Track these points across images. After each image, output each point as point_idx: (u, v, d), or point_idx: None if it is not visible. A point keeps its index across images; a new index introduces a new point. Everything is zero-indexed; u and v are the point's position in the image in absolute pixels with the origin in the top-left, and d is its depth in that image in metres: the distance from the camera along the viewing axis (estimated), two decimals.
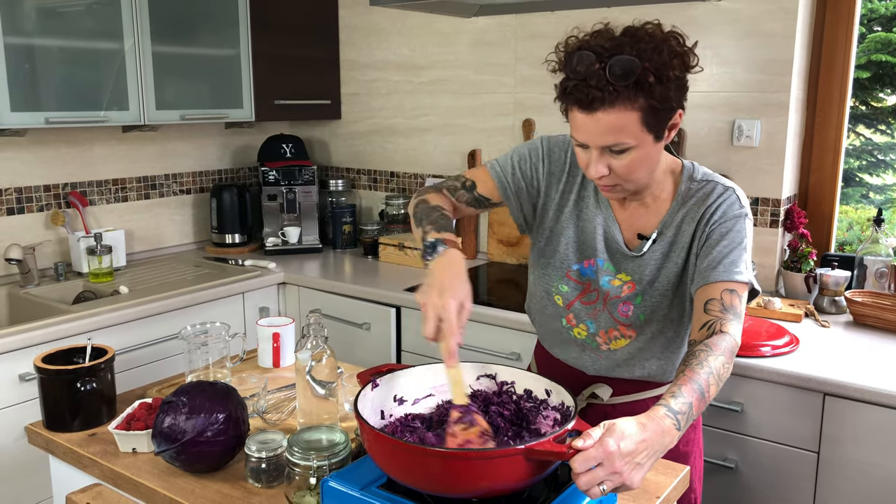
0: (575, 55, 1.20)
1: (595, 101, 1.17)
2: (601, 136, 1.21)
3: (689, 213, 1.36)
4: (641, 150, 1.24)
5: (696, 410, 1.11)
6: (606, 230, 1.41)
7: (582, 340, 1.47)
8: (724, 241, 1.31)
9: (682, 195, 1.37)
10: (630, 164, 1.25)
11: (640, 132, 1.21)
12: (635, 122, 1.19)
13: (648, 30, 1.20)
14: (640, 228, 1.40)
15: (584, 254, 1.43)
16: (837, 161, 2.44)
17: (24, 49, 2.29)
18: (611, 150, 1.23)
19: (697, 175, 1.39)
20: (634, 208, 1.41)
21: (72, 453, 1.42)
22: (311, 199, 3.17)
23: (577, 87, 1.18)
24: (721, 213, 1.33)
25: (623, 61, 1.15)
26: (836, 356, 1.90)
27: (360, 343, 2.62)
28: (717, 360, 1.17)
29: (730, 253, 1.30)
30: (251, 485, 1.28)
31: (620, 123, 1.19)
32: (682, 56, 1.21)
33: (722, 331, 1.22)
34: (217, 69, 2.87)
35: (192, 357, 1.63)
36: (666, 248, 1.38)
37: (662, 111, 1.21)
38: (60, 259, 2.74)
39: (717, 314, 1.25)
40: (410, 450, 1.04)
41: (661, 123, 1.23)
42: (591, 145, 1.24)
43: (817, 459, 1.82)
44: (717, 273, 1.28)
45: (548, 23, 2.73)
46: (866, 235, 2.36)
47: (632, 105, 1.18)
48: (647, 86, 1.16)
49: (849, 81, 2.38)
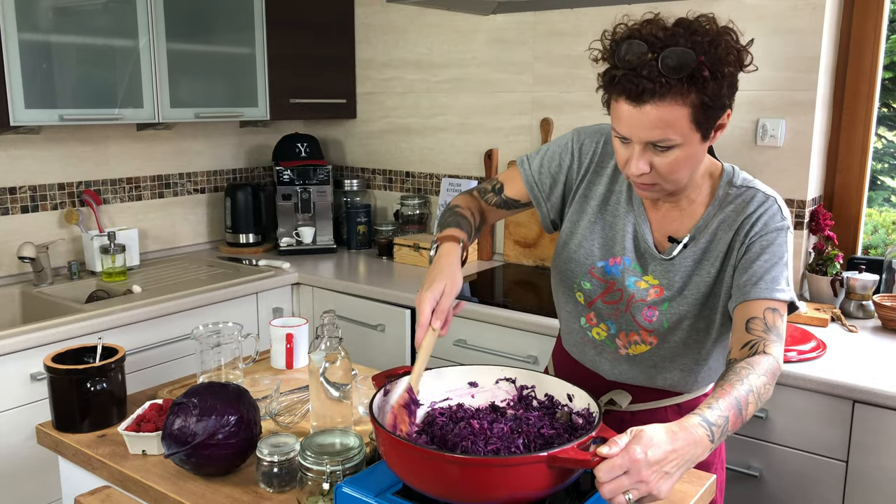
0: (624, 44, 1.15)
1: (645, 93, 1.12)
2: (647, 131, 1.15)
3: (725, 220, 1.30)
4: (687, 149, 1.18)
5: (731, 426, 1.07)
6: (636, 228, 1.36)
7: (600, 342, 1.42)
8: (766, 254, 1.25)
9: (719, 200, 1.31)
10: (673, 163, 1.19)
11: (688, 129, 1.15)
12: (685, 119, 1.14)
13: (703, 22, 1.15)
14: (672, 231, 1.34)
15: (611, 251, 1.38)
16: (865, 161, 2.38)
17: (39, 46, 2.28)
18: (655, 146, 1.17)
19: (737, 180, 1.32)
20: (668, 210, 1.35)
21: (81, 454, 1.40)
22: (326, 199, 3.15)
23: (627, 77, 1.13)
24: (762, 225, 1.27)
25: (678, 53, 1.10)
26: (865, 362, 1.85)
27: (374, 345, 2.59)
28: (759, 379, 1.13)
29: (772, 268, 1.24)
30: (263, 489, 1.25)
31: (669, 118, 1.13)
32: (739, 52, 1.16)
33: (765, 352, 1.17)
34: (232, 67, 2.85)
35: (205, 358, 1.60)
36: (698, 255, 1.32)
37: (713, 109, 1.15)
38: (74, 258, 2.73)
39: (760, 334, 1.20)
40: (428, 456, 1.00)
41: (710, 122, 1.17)
42: (635, 140, 1.18)
43: (846, 469, 1.76)
44: (759, 290, 1.23)
45: (566, 20, 2.69)
46: (892, 239, 2.30)
47: (683, 100, 1.12)
48: (701, 81, 1.11)
49: (877, 79, 2.32)
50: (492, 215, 1.51)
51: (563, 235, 1.44)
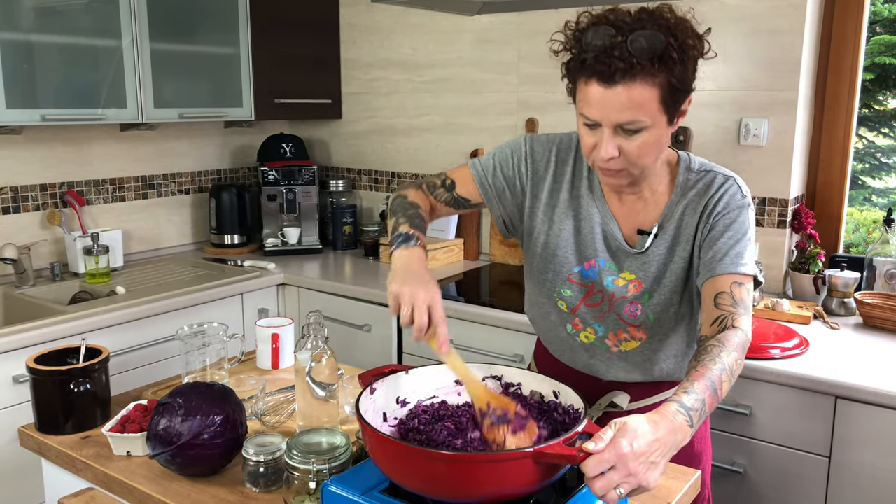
0: (591, 29, 1.17)
1: (617, 73, 1.13)
2: (618, 113, 1.16)
3: (689, 205, 1.33)
4: (654, 132, 1.20)
5: (708, 408, 1.08)
6: (604, 228, 1.37)
7: (590, 345, 1.43)
8: (729, 231, 1.28)
9: (680, 186, 1.34)
10: (642, 146, 1.20)
11: (656, 111, 1.17)
12: (654, 100, 1.16)
13: (665, 10, 1.18)
14: (640, 223, 1.36)
15: (584, 255, 1.38)
16: (846, 161, 2.40)
17: (20, 45, 2.26)
18: (624, 128, 1.18)
19: (694, 165, 1.35)
20: (632, 203, 1.36)
21: (64, 456, 1.38)
22: (311, 200, 3.14)
23: (599, 59, 1.14)
24: (724, 204, 1.30)
25: (647, 35, 1.13)
26: (847, 358, 1.87)
27: (360, 345, 2.58)
28: (729, 356, 1.15)
29: (735, 244, 1.27)
30: (249, 489, 1.24)
31: (640, 99, 1.15)
32: (699, 38, 1.19)
33: (734, 326, 1.20)
34: (216, 67, 2.83)
35: (190, 358, 1.59)
36: (669, 243, 1.34)
37: (680, 92, 1.18)
38: (56, 259, 2.70)
39: (729, 308, 1.22)
40: (415, 453, 1.00)
41: (676, 105, 1.20)
42: (605, 123, 1.19)
43: (828, 464, 1.78)
44: (724, 265, 1.25)
45: (551, 20, 2.70)
46: (873, 237, 2.33)
47: (653, 81, 1.15)
48: (670, 62, 1.14)
49: (857, 79, 2.35)
50: (438, 212, 1.49)
51: (537, 247, 1.44)
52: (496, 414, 1.11)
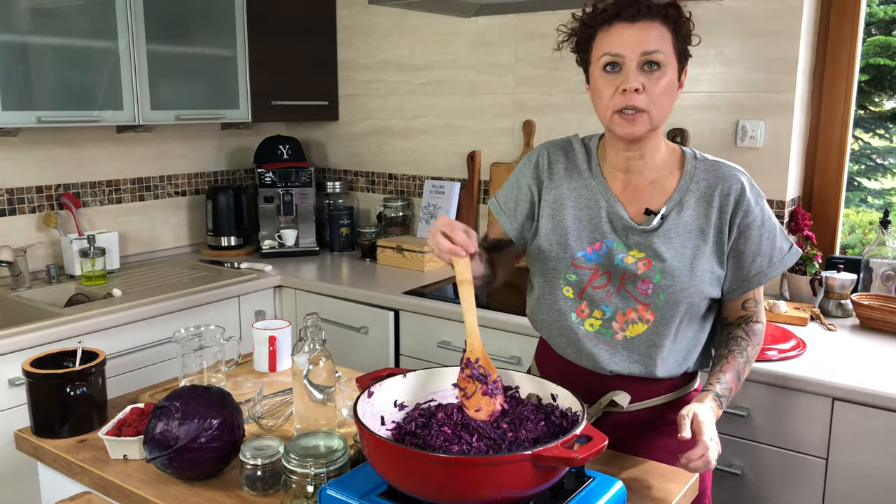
0: None
1: (641, 12, 1.27)
2: (643, 43, 1.27)
3: (702, 195, 1.37)
4: (671, 77, 1.30)
5: (733, 393, 1.34)
6: (609, 210, 1.40)
7: (595, 332, 1.42)
8: (763, 231, 1.36)
9: (689, 174, 1.39)
10: (664, 87, 1.29)
11: (671, 53, 1.30)
12: (670, 41, 1.29)
13: None
14: (647, 204, 1.39)
15: (589, 238, 1.40)
16: (842, 162, 2.41)
17: (16, 47, 2.25)
18: (648, 63, 1.28)
19: (699, 155, 1.43)
20: (636, 183, 1.40)
21: (61, 460, 1.38)
22: (308, 202, 3.14)
23: (620, 4, 1.28)
24: (747, 205, 1.35)
25: None
26: (844, 360, 1.87)
27: (358, 347, 2.58)
28: (754, 350, 1.40)
29: (774, 240, 1.38)
30: (246, 493, 1.24)
31: (660, 35, 1.28)
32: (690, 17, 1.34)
33: (758, 321, 1.43)
34: (213, 69, 2.83)
35: (186, 361, 1.58)
36: (679, 227, 1.36)
37: (683, 52, 1.32)
38: (52, 261, 2.70)
39: (753, 309, 1.43)
40: (413, 456, 1.00)
41: (682, 60, 1.33)
42: (631, 55, 1.27)
43: (826, 466, 1.78)
44: (772, 271, 1.39)
45: (548, 22, 2.70)
46: (869, 239, 2.33)
47: (667, 25, 1.29)
48: (679, 18, 1.30)
49: (854, 81, 2.35)
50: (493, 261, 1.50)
51: (539, 240, 1.46)
52: (479, 371, 1.20)
